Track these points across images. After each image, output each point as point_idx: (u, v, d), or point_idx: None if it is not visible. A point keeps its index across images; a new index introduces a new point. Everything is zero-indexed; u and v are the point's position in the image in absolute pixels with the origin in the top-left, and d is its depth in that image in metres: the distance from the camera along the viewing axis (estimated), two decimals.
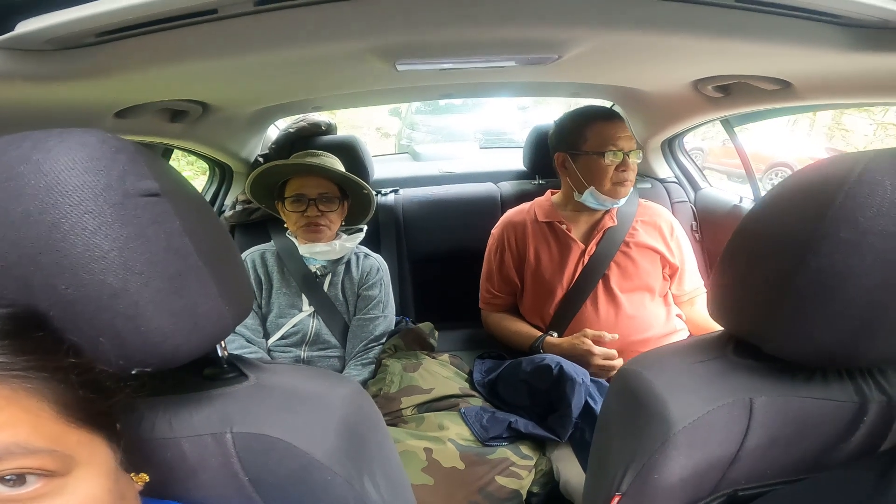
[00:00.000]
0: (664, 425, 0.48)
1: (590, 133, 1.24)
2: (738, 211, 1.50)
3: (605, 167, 1.22)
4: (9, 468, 0.28)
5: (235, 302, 0.46)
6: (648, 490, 0.49)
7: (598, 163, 1.22)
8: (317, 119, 1.67)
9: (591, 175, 1.24)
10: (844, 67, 0.71)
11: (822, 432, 0.48)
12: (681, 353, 0.57)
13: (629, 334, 1.23)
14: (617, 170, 1.23)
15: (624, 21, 0.59)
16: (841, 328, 0.43)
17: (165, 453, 0.44)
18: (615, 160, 1.22)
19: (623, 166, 1.22)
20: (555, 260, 1.31)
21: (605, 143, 1.22)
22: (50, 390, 0.31)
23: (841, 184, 0.41)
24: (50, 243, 0.34)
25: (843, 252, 0.41)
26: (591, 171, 1.24)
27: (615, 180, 1.23)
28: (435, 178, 1.93)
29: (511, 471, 0.95)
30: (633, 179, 1.25)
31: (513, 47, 0.70)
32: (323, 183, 1.27)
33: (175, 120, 1.04)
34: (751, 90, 0.95)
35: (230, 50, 0.60)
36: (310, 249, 1.28)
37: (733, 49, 0.69)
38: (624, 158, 1.22)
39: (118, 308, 0.36)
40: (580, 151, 1.26)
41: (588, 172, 1.25)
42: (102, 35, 0.52)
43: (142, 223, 0.37)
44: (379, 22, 0.59)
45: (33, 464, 0.29)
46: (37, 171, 0.34)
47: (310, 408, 0.48)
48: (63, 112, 0.73)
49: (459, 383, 1.19)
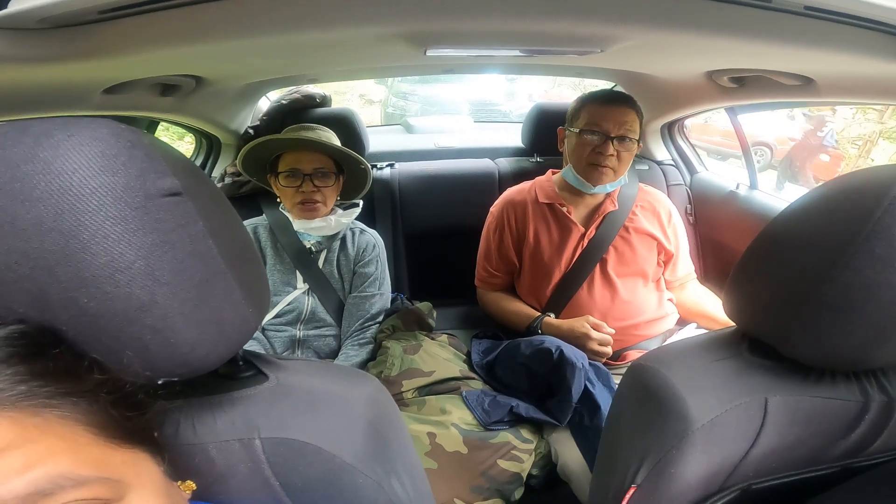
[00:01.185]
0: (683, 423, 0.49)
1: (584, 112, 1.25)
2: (734, 197, 1.51)
3: (583, 146, 1.23)
4: (64, 502, 0.26)
5: (258, 303, 0.45)
6: (664, 484, 0.50)
7: (579, 140, 1.24)
8: (311, 91, 1.61)
9: (573, 153, 1.27)
10: (876, 72, 0.70)
11: (827, 429, 0.50)
12: (696, 350, 0.58)
13: (623, 318, 1.25)
14: (594, 151, 1.22)
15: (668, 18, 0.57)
16: (857, 338, 0.44)
17: (193, 459, 0.43)
18: (591, 139, 1.22)
19: (601, 149, 1.21)
20: (554, 242, 1.31)
21: (590, 123, 1.22)
22: (82, 414, 0.29)
23: (881, 198, 0.41)
24: (68, 254, 0.31)
25: (874, 268, 0.41)
26: (573, 149, 1.27)
27: (589, 160, 1.23)
28: (431, 153, 1.90)
29: (512, 454, 0.98)
30: (616, 167, 1.23)
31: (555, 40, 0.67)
32: (318, 157, 1.23)
33: (166, 94, 0.98)
34: (767, 83, 0.94)
35: (246, 31, 0.55)
36: (304, 225, 1.25)
37: (762, 48, 0.68)
38: (605, 142, 1.21)
39: (146, 321, 0.34)
40: (572, 128, 1.28)
41: (572, 150, 1.28)
42: (104, 13, 0.48)
43: (166, 228, 0.35)
44: (417, 8, 0.55)
45: (87, 495, 0.27)
46: (46, 172, 0.31)
47: (334, 410, 0.48)
48: (48, 91, 0.67)
49: (459, 365, 1.20)
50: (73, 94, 0.73)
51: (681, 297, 1.37)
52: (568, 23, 0.59)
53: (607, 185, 1.26)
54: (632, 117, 1.21)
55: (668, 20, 0.58)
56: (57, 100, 0.72)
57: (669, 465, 0.49)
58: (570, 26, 0.61)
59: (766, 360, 0.53)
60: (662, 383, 0.53)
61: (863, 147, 7.33)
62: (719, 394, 0.50)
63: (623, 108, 1.21)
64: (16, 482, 0.25)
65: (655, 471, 0.50)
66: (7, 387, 0.27)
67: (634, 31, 0.62)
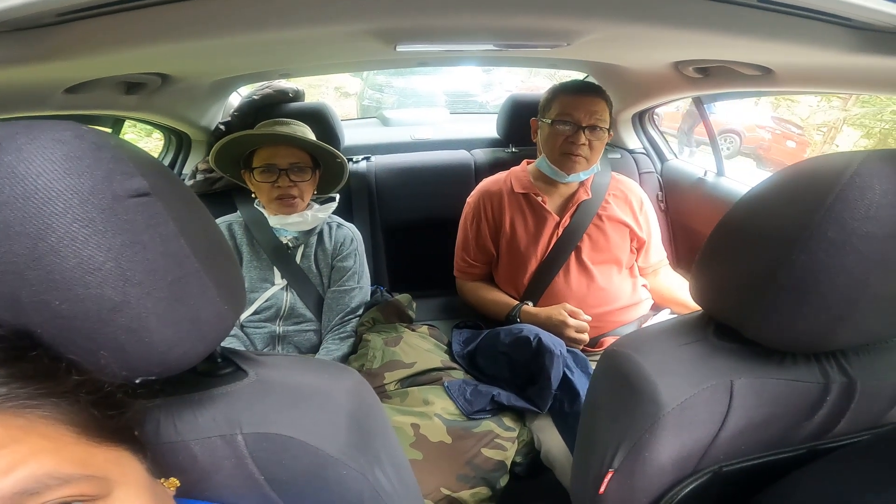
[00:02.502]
0: (654, 407, 0.51)
1: (556, 103, 1.26)
2: (702, 184, 1.55)
3: (555, 136, 1.25)
4: (50, 500, 0.27)
5: (233, 300, 0.45)
6: (639, 468, 0.52)
7: (551, 130, 1.26)
8: (283, 86, 1.58)
9: (546, 143, 1.30)
10: (832, 62, 0.73)
11: (791, 411, 0.52)
12: (665, 334, 0.60)
13: (599, 305, 1.28)
14: (566, 140, 1.25)
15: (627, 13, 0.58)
16: (816, 319, 0.46)
17: (176, 456, 0.43)
18: (563, 129, 1.24)
19: (573, 138, 1.24)
20: (530, 231, 1.33)
21: (562, 113, 1.24)
22: (63, 414, 0.29)
23: (832, 185, 0.43)
24: (37, 257, 0.31)
25: (827, 251, 0.43)
26: (546, 139, 1.29)
27: (562, 150, 1.26)
28: (407, 145, 1.90)
29: (496, 443, 0.99)
30: (588, 156, 1.26)
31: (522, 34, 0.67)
32: (294, 152, 1.21)
33: (130, 92, 0.96)
34: (730, 73, 0.97)
35: (211, 30, 0.54)
36: (281, 220, 1.24)
37: (723, 39, 0.70)
38: (577, 132, 1.23)
39: (119, 322, 0.34)
40: (545, 119, 1.30)
41: (545, 140, 1.30)
42: (63, 15, 0.46)
43: (136, 229, 0.35)
44: (384, 5, 0.55)
45: (72, 492, 0.28)
46: (10, 176, 0.31)
47: (316, 403, 0.48)
48: (7, 92, 0.65)
49: (440, 356, 1.21)
50: (34, 95, 0.71)
51: (654, 284, 1.41)
52: (533, 18, 0.60)
53: (580, 173, 1.28)
54: (602, 107, 1.24)
55: (627, 15, 0.59)
56: (17, 101, 0.70)
57: (644, 449, 0.51)
58: (535, 21, 0.61)
59: (731, 343, 0.54)
60: (634, 368, 0.55)
61: (827, 134, 7.58)
62: (688, 377, 0.52)
63: (593, 97, 1.23)
64: (2, 482, 0.25)
65: (631, 455, 0.52)
66: None
67: (597, 24, 0.63)
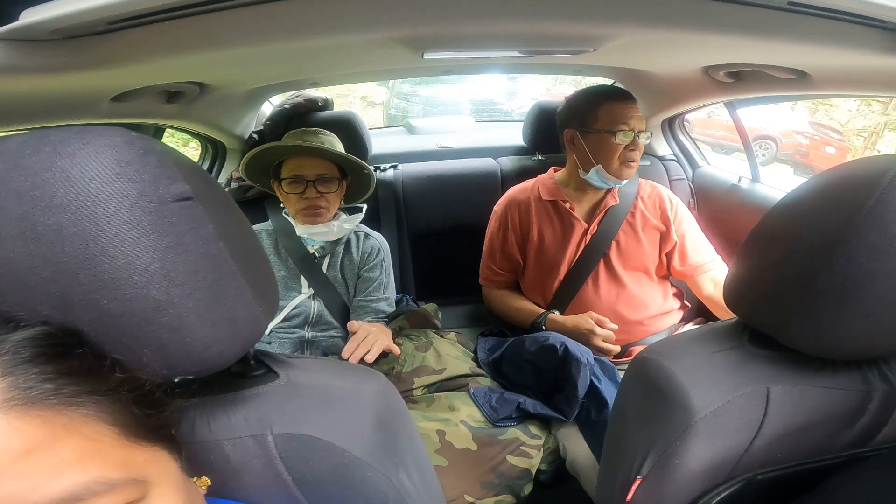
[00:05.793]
0: (685, 414, 0.50)
1: (602, 112, 1.23)
2: (737, 190, 1.51)
3: (615, 146, 1.22)
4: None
5: (267, 302, 0.46)
6: (668, 475, 0.50)
7: (608, 141, 1.22)
8: (313, 95, 1.62)
9: (599, 153, 1.24)
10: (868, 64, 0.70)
11: (830, 420, 0.50)
12: (698, 341, 0.58)
13: (628, 313, 1.26)
14: (626, 149, 1.23)
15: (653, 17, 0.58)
16: (857, 326, 0.45)
17: (208, 456, 0.44)
18: (625, 140, 1.21)
19: (632, 146, 1.22)
20: (558, 239, 1.32)
21: (616, 122, 1.21)
22: (105, 412, 0.30)
23: (873, 188, 0.42)
24: (88, 257, 0.32)
25: (869, 255, 0.42)
26: (600, 150, 1.24)
27: (623, 159, 1.23)
28: (433, 153, 1.90)
29: (521, 450, 0.98)
30: (639, 160, 1.26)
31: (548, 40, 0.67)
32: (321, 163, 1.23)
33: (171, 101, 1.00)
34: (764, 77, 0.94)
35: (249, 38, 0.57)
36: (307, 230, 1.26)
37: (756, 43, 0.68)
38: (634, 138, 1.22)
39: (162, 321, 0.35)
40: (591, 129, 1.25)
41: (597, 150, 1.24)
42: (113, 23, 0.49)
43: (179, 231, 0.36)
44: (411, 13, 0.56)
45: (119, 500, 0.28)
46: (65, 180, 0.32)
47: (344, 405, 0.49)
48: (58, 100, 0.69)
49: (469, 363, 1.21)
50: (83, 103, 0.75)
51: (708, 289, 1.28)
52: (558, 23, 0.60)
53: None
54: (640, 112, 1.24)
55: (653, 19, 0.59)
56: (67, 109, 0.73)
57: (674, 456, 0.50)
58: (560, 27, 0.61)
59: (767, 350, 0.53)
60: (665, 375, 0.54)
61: (868, 139, 7.29)
62: (721, 384, 0.51)
63: (635, 103, 1.23)
64: (50, 488, 0.25)
65: (660, 462, 0.51)
66: (34, 385, 0.27)
67: (623, 30, 0.63)
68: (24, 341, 0.29)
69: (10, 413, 0.26)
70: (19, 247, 0.32)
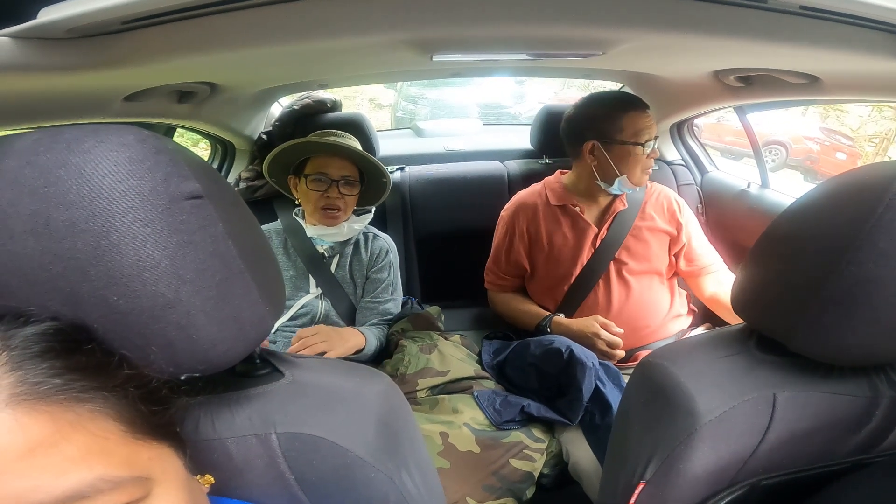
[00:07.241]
0: (690, 418, 0.50)
1: (626, 123, 1.22)
2: (745, 196, 1.50)
3: (640, 156, 1.22)
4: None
5: (274, 301, 0.46)
6: (672, 479, 0.50)
7: (634, 152, 1.22)
8: (322, 97, 1.63)
9: (624, 164, 1.23)
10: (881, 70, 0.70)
11: (837, 425, 0.50)
12: (704, 346, 0.58)
13: (637, 318, 1.25)
14: (647, 158, 1.24)
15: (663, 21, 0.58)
16: (866, 332, 0.44)
17: (212, 454, 0.44)
18: (647, 149, 1.22)
19: (652, 154, 1.24)
20: (568, 244, 1.31)
21: (641, 133, 1.21)
22: (112, 409, 0.29)
23: (882, 194, 0.42)
24: (99, 254, 0.33)
25: (878, 261, 0.42)
26: (625, 160, 1.23)
27: (645, 167, 1.24)
28: (440, 156, 1.91)
29: (524, 454, 0.98)
30: None
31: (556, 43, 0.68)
32: (346, 165, 1.24)
33: (182, 101, 1.01)
34: (774, 82, 0.94)
35: (261, 39, 0.57)
36: (317, 231, 1.27)
37: (767, 47, 0.68)
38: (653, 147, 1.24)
39: (171, 318, 0.36)
40: (615, 140, 1.23)
41: (622, 161, 1.23)
42: (128, 23, 0.50)
43: (189, 229, 0.36)
44: (420, 15, 0.57)
45: (123, 499, 0.28)
46: (78, 177, 0.32)
47: (348, 406, 0.49)
48: (72, 99, 0.70)
49: (473, 366, 1.21)
50: (96, 103, 0.76)
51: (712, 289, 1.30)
52: (567, 27, 0.60)
53: None
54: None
55: (664, 22, 0.59)
56: (81, 108, 0.75)
57: (678, 461, 0.50)
58: (569, 30, 0.61)
59: (774, 355, 0.53)
60: (670, 379, 0.54)
61: (879, 145, 7.21)
62: (727, 389, 0.50)
63: (649, 110, 1.24)
64: (54, 487, 0.25)
65: (664, 466, 0.50)
66: (43, 380, 0.27)
67: (632, 33, 0.63)
68: (34, 336, 0.29)
69: (17, 408, 0.26)
70: (31, 243, 0.32)
